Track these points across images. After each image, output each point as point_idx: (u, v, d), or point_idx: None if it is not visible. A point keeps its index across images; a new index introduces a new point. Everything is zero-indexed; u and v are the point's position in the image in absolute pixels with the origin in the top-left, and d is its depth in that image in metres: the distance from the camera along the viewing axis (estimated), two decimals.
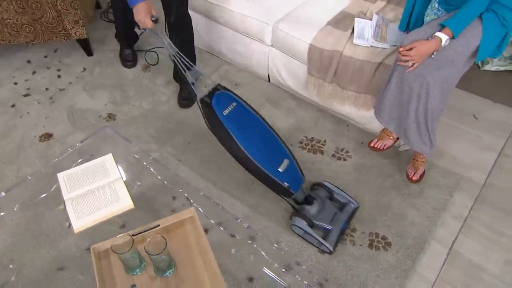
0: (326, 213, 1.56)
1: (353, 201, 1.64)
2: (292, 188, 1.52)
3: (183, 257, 1.08)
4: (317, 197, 1.59)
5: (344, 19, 1.88)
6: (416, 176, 1.74)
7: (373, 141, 1.89)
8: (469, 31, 1.36)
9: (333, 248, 1.50)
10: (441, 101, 1.49)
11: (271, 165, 1.49)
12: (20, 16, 2.15)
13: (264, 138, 1.54)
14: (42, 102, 2.17)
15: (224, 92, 1.52)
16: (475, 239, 1.60)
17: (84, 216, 1.15)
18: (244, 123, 1.51)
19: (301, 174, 1.58)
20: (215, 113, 1.46)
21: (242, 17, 2.04)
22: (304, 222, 1.52)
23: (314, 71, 1.89)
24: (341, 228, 1.55)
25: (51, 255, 1.37)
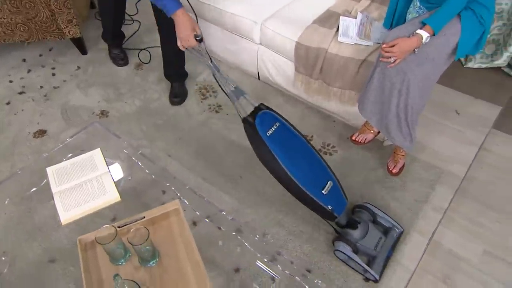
0: (371, 238, 1.46)
1: (398, 226, 1.54)
2: (336, 212, 1.42)
3: (167, 248, 1.08)
4: (361, 221, 1.49)
5: (330, 18, 1.88)
6: (396, 169, 1.75)
7: (354, 135, 1.90)
8: (448, 29, 1.37)
9: (379, 277, 1.41)
10: (421, 97, 1.50)
11: (315, 187, 1.40)
12: (14, 16, 2.13)
13: (308, 159, 1.45)
14: (37, 100, 2.16)
15: (267, 111, 1.44)
16: (455, 230, 1.61)
17: (71, 208, 1.15)
18: (288, 144, 1.43)
19: (344, 196, 1.47)
20: (259, 134, 1.38)
21: (232, 16, 2.04)
22: (349, 247, 1.43)
23: (301, 68, 1.89)
24: (387, 255, 1.46)
25: (43, 247, 1.38)
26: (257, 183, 1.75)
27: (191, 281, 1.01)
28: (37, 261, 1.36)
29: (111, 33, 2.29)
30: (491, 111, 2.05)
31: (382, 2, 1.95)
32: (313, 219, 1.61)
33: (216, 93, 2.19)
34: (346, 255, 1.43)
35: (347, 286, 1.42)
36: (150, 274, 1.02)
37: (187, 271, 1.03)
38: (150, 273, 1.03)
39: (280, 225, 1.60)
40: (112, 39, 2.34)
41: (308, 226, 1.60)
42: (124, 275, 1.02)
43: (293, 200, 1.47)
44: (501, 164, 1.85)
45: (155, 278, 1.02)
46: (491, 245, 1.57)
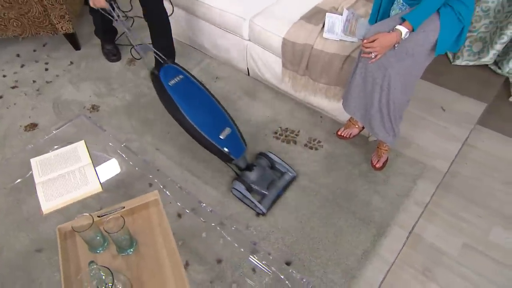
0: (264, 180, 1.66)
1: (292, 170, 1.73)
2: (233, 154, 1.60)
3: (146, 236, 1.10)
4: (258, 165, 1.68)
5: (317, 14, 1.89)
6: (379, 163, 1.76)
7: (340, 130, 1.91)
8: (427, 25, 1.37)
9: (266, 211, 1.61)
10: (403, 92, 1.51)
11: (212, 132, 1.59)
12: (7, 11, 2.15)
13: (208, 109, 1.65)
14: (29, 94, 2.18)
15: (172, 65, 1.62)
16: (437, 224, 1.62)
17: (53, 198, 1.17)
18: (189, 94, 1.61)
19: (243, 143, 1.66)
20: (162, 83, 1.57)
21: (221, 12, 2.05)
22: (243, 186, 1.62)
23: (288, 64, 1.90)
24: (277, 194, 1.66)
25: (30, 238, 1.39)
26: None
27: (167, 269, 1.03)
28: (24, 251, 1.38)
29: (102, 29, 2.30)
30: (476, 107, 2.06)
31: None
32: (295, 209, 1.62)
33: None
34: (241, 193, 1.62)
35: (327, 277, 1.44)
36: (127, 262, 1.04)
37: (163, 260, 1.04)
38: (127, 261, 1.04)
39: (262, 218, 1.61)
40: (103, 34, 2.35)
41: (292, 221, 1.61)
42: (101, 263, 1.03)
43: None
44: (485, 160, 1.86)
45: (132, 265, 1.03)
46: (472, 239, 1.58)
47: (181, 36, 2.48)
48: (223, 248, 1.26)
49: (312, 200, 1.68)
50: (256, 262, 1.20)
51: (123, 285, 0.95)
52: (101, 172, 1.34)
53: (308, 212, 1.63)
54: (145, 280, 1.01)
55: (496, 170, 1.82)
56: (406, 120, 1.95)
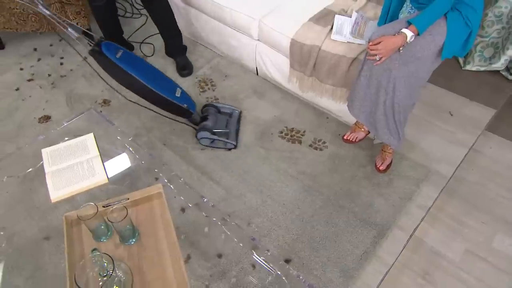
0: (221, 122, 1.92)
1: (236, 109, 2.01)
2: (191, 109, 1.81)
3: (148, 228, 1.13)
4: (209, 114, 1.92)
5: (326, 16, 1.90)
6: (383, 166, 1.76)
7: (346, 134, 1.92)
8: (434, 29, 1.37)
9: (236, 143, 1.84)
10: (409, 96, 1.50)
11: (169, 92, 1.75)
12: (26, 7, 2.21)
13: (156, 74, 1.81)
14: (44, 87, 2.24)
15: (109, 42, 1.67)
16: (438, 228, 1.62)
17: (61, 188, 1.21)
18: (136, 64, 1.71)
19: (192, 100, 1.87)
20: (109, 58, 1.61)
21: (231, 12, 2.07)
22: (208, 132, 1.81)
23: (295, 65, 1.92)
24: (236, 128, 1.92)
25: (39, 225, 1.44)
26: (247, 173, 1.78)
27: (167, 259, 1.06)
28: (33, 238, 1.43)
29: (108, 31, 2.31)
30: (485, 113, 2.04)
31: (379, 2, 1.95)
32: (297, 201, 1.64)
33: (215, 86, 2.23)
34: (208, 139, 1.83)
35: (325, 276, 1.45)
36: (129, 251, 1.07)
37: (163, 248, 1.08)
38: (129, 251, 1.08)
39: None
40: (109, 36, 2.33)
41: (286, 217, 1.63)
42: (104, 251, 1.07)
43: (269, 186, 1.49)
44: (492, 166, 1.84)
45: (133, 255, 1.06)
46: (474, 245, 1.57)
47: (191, 34, 2.52)
48: (224, 243, 1.28)
49: (315, 200, 1.69)
50: (256, 258, 1.22)
51: (123, 273, 0.98)
52: (111, 166, 1.38)
53: (310, 211, 1.65)
54: (145, 270, 1.04)
55: (502, 177, 1.80)
56: (413, 123, 1.94)
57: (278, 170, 1.81)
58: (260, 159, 1.85)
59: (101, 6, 2.07)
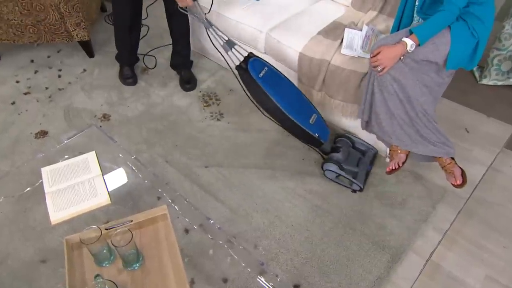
0: (352, 158, 1.87)
1: (372, 147, 1.95)
2: (322, 138, 1.82)
3: (152, 251, 1.15)
4: (342, 146, 1.88)
5: (335, 29, 1.95)
6: (458, 179, 1.65)
7: (387, 167, 1.79)
8: (438, 39, 1.42)
9: (363, 186, 1.79)
10: (427, 103, 1.53)
11: (303, 119, 1.79)
12: (24, 17, 2.29)
13: (295, 97, 1.85)
14: (41, 101, 2.29)
15: (257, 58, 1.80)
16: (456, 252, 1.63)
17: (62, 209, 1.24)
18: (277, 85, 1.80)
19: (327, 127, 1.90)
20: (252, 77, 1.73)
21: (237, 24, 2.14)
22: (336, 166, 1.78)
23: (304, 79, 1.96)
24: (367, 169, 1.86)
25: (35, 247, 1.47)
26: (252, 192, 1.81)
27: (172, 284, 1.08)
28: (28, 261, 1.45)
29: (127, 55, 2.37)
30: (503, 130, 2.07)
31: (390, 14, 2.01)
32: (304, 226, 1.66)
33: (219, 101, 2.28)
34: (334, 173, 1.80)
35: None
36: (132, 276, 1.09)
37: (168, 273, 1.10)
38: (132, 276, 1.10)
39: (272, 237, 1.65)
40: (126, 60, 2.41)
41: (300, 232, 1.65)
42: (107, 277, 1.09)
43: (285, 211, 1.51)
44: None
45: (137, 280, 1.08)
46: (495, 271, 1.58)
47: (195, 46, 2.58)
48: (230, 267, 1.30)
49: (324, 221, 1.71)
50: (264, 283, 1.23)
51: None
52: (108, 182, 1.40)
53: (320, 233, 1.66)
54: None
55: None
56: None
57: (285, 188, 1.84)
58: (266, 177, 1.88)
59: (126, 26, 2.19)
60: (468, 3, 1.37)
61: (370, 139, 1.94)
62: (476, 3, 1.38)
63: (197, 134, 2.09)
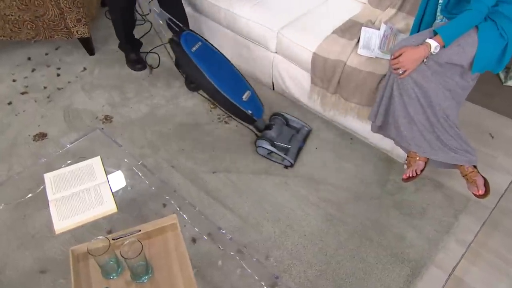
0: (285, 135, 1.98)
1: (307, 126, 2.08)
2: (255, 115, 1.91)
3: (162, 262, 1.16)
4: (275, 124, 2.00)
5: (351, 28, 1.96)
6: (480, 189, 1.65)
7: (404, 174, 1.77)
8: (463, 39, 1.42)
9: (293, 162, 1.91)
10: (450, 108, 1.53)
11: (236, 95, 1.88)
12: (22, 13, 2.31)
13: (228, 72, 1.94)
14: (39, 101, 2.31)
15: (190, 32, 1.86)
16: (481, 267, 1.62)
17: (66, 217, 1.25)
18: (210, 59, 1.87)
19: (261, 104, 1.98)
20: (185, 51, 1.79)
21: (247, 22, 2.15)
22: (267, 142, 1.90)
23: (317, 81, 1.97)
24: (299, 146, 1.97)
25: (34, 257, 1.48)
26: (263, 199, 1.81)
27: None
28: (27, 271, 1.46)
29: (126, 40, 2.43)
30: None
31: (409, 12, 2.01)
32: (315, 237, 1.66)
33: None
34: (266, 149, 1.91)
35: None
36: None
37: (178, 285, 1.10)
38: None
39: (284, 247, 1.66)
40: (128, 46, 2.47)
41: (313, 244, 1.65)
42: None
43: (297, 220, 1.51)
44: None
45: None
46: None
47: None
48: (240, 279, 1.30)
49: (339, 231, 1.72)
50: None
51: None
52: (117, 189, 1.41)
53: (334, 244, 1.67)
54: None
55: None
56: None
57: (297, 196, 1.84)
58: (277, 184, 1.89)
59: None
60: (498, 2, 1.37)
61: (387, 144, 1.94)
62: (506, 2, 1.37)
63: (204, 138, 2.10)
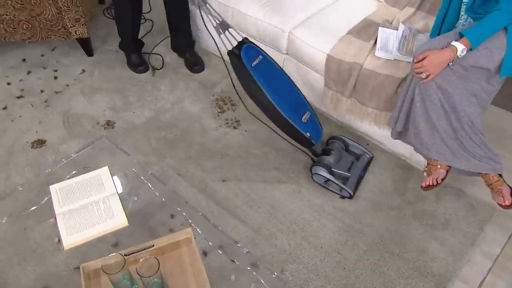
0: (344, 162, 1.91)
1: (368, 152, 2.00)
2: (313, 139, 1.85)
3: (177, 280, 1.17)
4: (334, 149, 1.92)
5: (367, 28, 1.97)
6: (506, 198, 1.66)
7: (424, 182, 1.79)
8: (491, 42, 1.43)
9: (353, 193, 1.83)
10: (476, 113, 1.55)
11: (295, 115, 1.81)
12: (18, 12, 2.32)
13: (288, 91, 1.89)
14: (36, 105, 2.32)
15: (251, 45, 1.83)
16: (509, 281, 1.63)
17: (75, 232, 1.25)
18: (270, 75, 1.83)
19: (320, 127, 1.93)
20: (244, 65, 1.76)
21: (256, 22, 2.16)
22: (325, 169, 1.83)
23: (331, 84, 1.98)
24: (359, 175, 1.90)
25: (37, 272, 1.48)
26: (276, 209, 1.82)
27: None
28: (30, 287, 1.46)
29: (131, 40, 2.46)
30: None
31: (429, 11, 2.03)
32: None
33: (235, 106, 2.30)
34: (323, 177, 1.84)
35: None
36: None
37: None
38: None
39: (299, 261, 1.66)
40: (131, 46, 2.50)
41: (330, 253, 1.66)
42: None
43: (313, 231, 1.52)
44: None
45: None
46: None
47: (209, 46, 2.60)
48: None
49: (357, 243, 1.72)
50: None
51: None
52: None
53: (353, 257, 1.68)
54: None
55: None
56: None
57: (312, 206, 1.85)
58: (291, 193, 1.89)
59: None
60: None
61: (405, 150, 1.95)
62: None
63: (211, 144, 2.11)
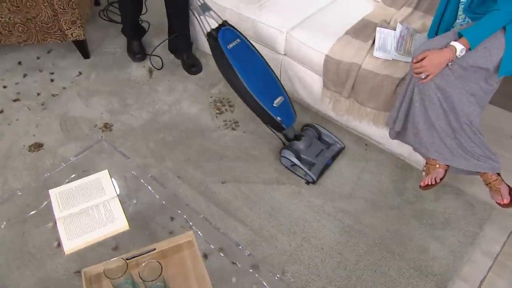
0: (313, 149, 1.98)
1: (340, 142, 2.06)
2: (284, 124, 1.92)
3: (179, 283, 1.17)
4: (306, 135, 2.01)
5: (365, 28, 1.98)
6: (505, 197, 1.68)
7: (422, 181, 1.80)
8: (490, 41, 1.44)
9: (316, 178, 1.91)
10: (474, 113, 1.56)
11: (266, 99, 1.88)
12: (13, 15, 2.31)
13: (263, 74, 1.95)
14: (33, 108, 2.31)
15: (230, 28, 1.89)
16: (509, 279, 1.64)
17: (76, 237, 1.26)
18: (246, 58, 1.89)
19: (293, 113, 2.00)
20: (220, 47, 1.82)
21: (254, 22, 2.16)
22: (293, 154, 1.92)
23: (330, 84, 1.99)
24: (326, 163, 1.97)
25: (36, 277, 1.48)
26: (276, 211, 1.83)
27: None
28: None
29: (131, 26, 2.54)
30: None
31: (427, 11, 2.04)
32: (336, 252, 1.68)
33: (233, 107, 2.30)
34: (290, 161, 1.92)
35: None
36: None
37: None
38: None
39: (300, 262, 1.67)
40: (132, 32, 2.58)
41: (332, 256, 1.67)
42: None
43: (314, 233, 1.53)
44: None
45: None
46: None
47: (206, 47, 2.60)
48: None
49: (358, 243, 1.73)
50: None
51: None
52: None
53: (354, 257, 1.68)
54: None
55: None
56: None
57: (312, 207, 1.86)
58: (291, 194, 1.90)
59: None
60: None
61: (403, 150, 1.96)
62: None
63: (210, 146, 2.11)
